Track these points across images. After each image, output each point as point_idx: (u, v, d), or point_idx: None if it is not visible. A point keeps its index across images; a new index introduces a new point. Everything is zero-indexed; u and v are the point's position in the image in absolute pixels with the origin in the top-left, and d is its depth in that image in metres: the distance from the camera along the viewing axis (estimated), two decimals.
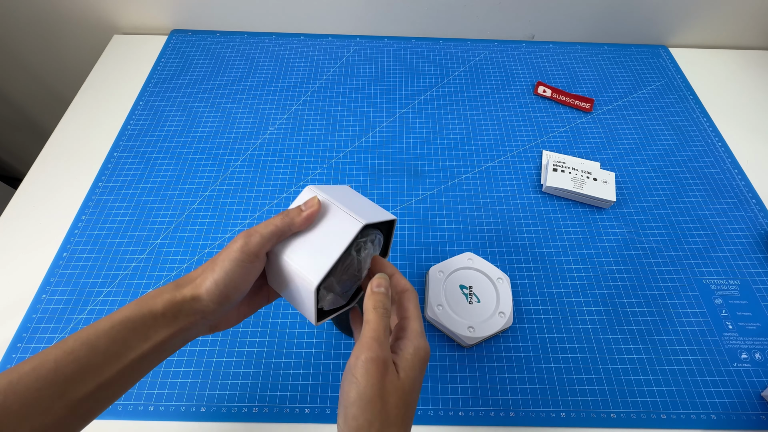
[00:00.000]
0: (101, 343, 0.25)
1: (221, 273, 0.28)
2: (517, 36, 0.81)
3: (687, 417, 0.44)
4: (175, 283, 0.28)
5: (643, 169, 0.63)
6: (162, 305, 0.27)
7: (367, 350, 0.26)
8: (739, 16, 0.78)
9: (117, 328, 0.25)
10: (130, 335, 0.26)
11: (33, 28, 0.81)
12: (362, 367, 0.25)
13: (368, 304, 0.29)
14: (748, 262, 0.55)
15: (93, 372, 0.24)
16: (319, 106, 0.69)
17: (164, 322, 0.27)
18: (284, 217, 0.30)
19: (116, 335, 0.25)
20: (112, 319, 0.26)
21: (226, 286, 0.28)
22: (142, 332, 0.26)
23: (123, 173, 0.60)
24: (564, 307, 0.51)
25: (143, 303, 0.27)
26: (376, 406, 0.25)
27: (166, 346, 0.27)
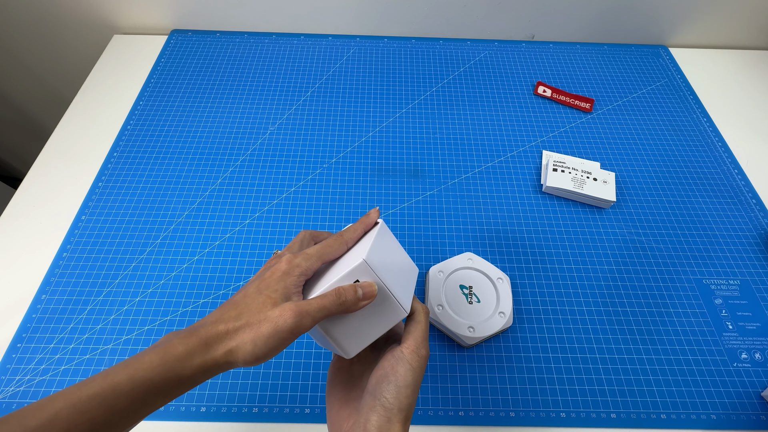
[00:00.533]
0: (119, 404, 0.24)
1: (264, 349, 0.26)
2: (517, 36, 0.81)
3: (687, 417, 0.44)
4: (204, 341, 0.26)
5: (643, 169, 0.63)
6: (191, 371, 0.25)
7: (423, 348, 0.31)
8: (739, 16, 0.78)
9: (138, 390, 0.24)
10: (151, 397, 0.25)
11: (33, 28, 0.81)
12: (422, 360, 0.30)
13: (418, 307, 0.33)
14: (748, 262, 0.55)
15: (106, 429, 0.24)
16: (319, 106, 0.69)
17: (190, 383, 0.26)
18: (339, 299, 0.29)
19: (136, 397, 0.24)
20: (133, 380, 0.24)
21: (266, 357, 0.27)
22: (165, 392, 0.25)
23: (123, 173, 0.60)
24: (564, 307, 0.51)
25: (169, 365, 0.25)
26: (416, 393, 0.30)
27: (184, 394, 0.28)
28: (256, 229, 0.55)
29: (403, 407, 0.28)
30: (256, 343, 0.26)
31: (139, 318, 0.48)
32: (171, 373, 0.25)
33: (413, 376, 0.30)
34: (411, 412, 0.29)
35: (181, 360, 0.25)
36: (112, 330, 0.47)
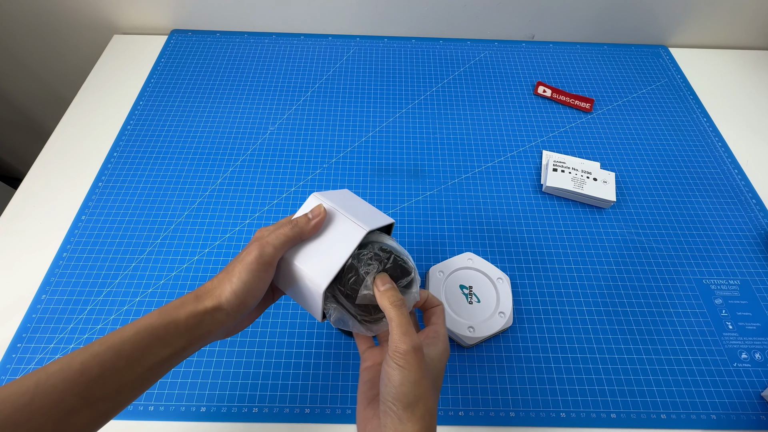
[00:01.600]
0: (125, 348, 0.27)
1: (239, 283, 0.30)
2: (517, 36, 0.81)
3: (687, 417, 0.44)
4: (195, 295, 0.30)
5: (643, 169, 0.63)
6: (185, 316, 0.29)
7: (402, 343, 0.29)
8: (739, 16, 0.78)
9: (141, 334, 0.27)
10: (153, 342, 0.27)
11: (33, 28, 0.81)
12: (405, 357, 0.29)
13: (384, 303, 0.31)
14: (748, 262, 0.55)
15: (115, 375, 0.26)
16: (319, 106, 0.69)
17: (185, 331, 0.29)
18: (294, 226, 0.33)
19: (140, 341, 0.27)
20: (136, 326, 0.28)
21: (245, 295, 0.30)
22: (165, 340, 0.28)
23: (123, 173, 0.60)
24: (564, 307, 0.51)
25: (166, 313, 0.29)
26: (421, 386, 0.29)
27: (184, 353, 0.29)
28: (255, 229, 0.55)
29: (410, 404, 0.28)
30: (232, 281, 0.30)
31: None
32: (168, 317, 0.28)
33: (402, 374, 0.29)
34: (426, 405, 0.29)
35: (176, 308, 0.29)
36: (113, 330, 0.47)
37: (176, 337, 0.28)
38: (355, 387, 0.44)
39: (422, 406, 0.29)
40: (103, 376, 0.26)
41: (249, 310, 0.32)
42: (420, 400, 0.29)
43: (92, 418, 0.26)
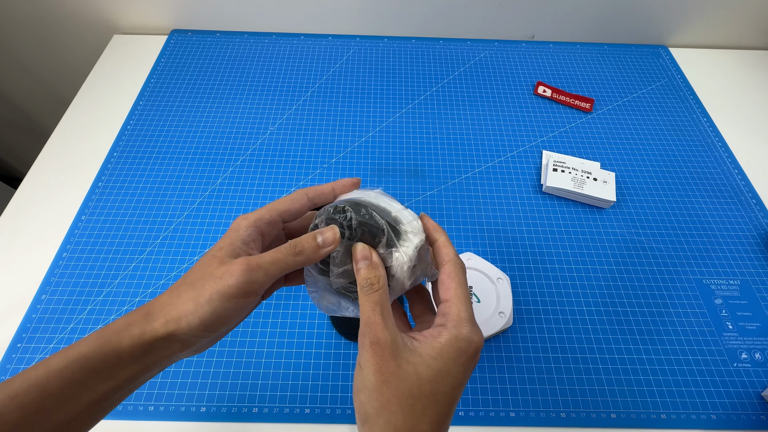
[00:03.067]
0: (53, 385, 0.21)
1: (208, 310, 0.23)
2: (517, 36, 0.81)
3: (687, 417, 0.44)
4: (145, 312, 0.23)
5: (643, 169, 0.63)
6: (129, 343, 0.22)
7: (362, 336, 0.23)
8: (739, 16, 0.78)
9: (72, 368, 0.22)
10: (89, 376, 0.22)
11: (33, 28, 0.81)
12: (364, 352, 0.23)
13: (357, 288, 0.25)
14: (748, 262, 0.55)
15: (44, 418, 0.21)
16: (319, 106, 0.69)
17: (132, 360, 0.23)
18: (297, 254, 0.25)
19: (71, 376, 0.21)
20: (67, 357, 0.22)
21: (214, 323, 0.23)
22: (104, 372, 0.22)
23: (123, 173, 0.60)
24: (564, 307, 0.51)
25: (106, 338, 0.22)
26: (383, 394, 0.22)
27: (135, 382, 0.23)
28: None
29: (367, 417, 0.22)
30: (199, 303, 0.23)
31: None
32: (107, 346, 0.22)
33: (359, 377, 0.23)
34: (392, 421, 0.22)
35: (118, 332, 0.23)
36: None
37: (119, 369, 0.22)
38: None
39: (383, 422, 0.22)
40: (28, 420, 0.20)
41: (218, 336, 0.25)
42: (381, 413, 0.22)
43: None
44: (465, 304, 0.25)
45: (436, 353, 0.23)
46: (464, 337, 0.24)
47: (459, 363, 0.23)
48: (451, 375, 0.23)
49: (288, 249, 0.25)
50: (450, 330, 0.24)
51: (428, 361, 0.23)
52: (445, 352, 0.23)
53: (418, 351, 0.23)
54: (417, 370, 0.23)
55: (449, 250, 0.27)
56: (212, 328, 0.23)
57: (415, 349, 0.23)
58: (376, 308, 0.24)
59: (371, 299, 0.24)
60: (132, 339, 0.23)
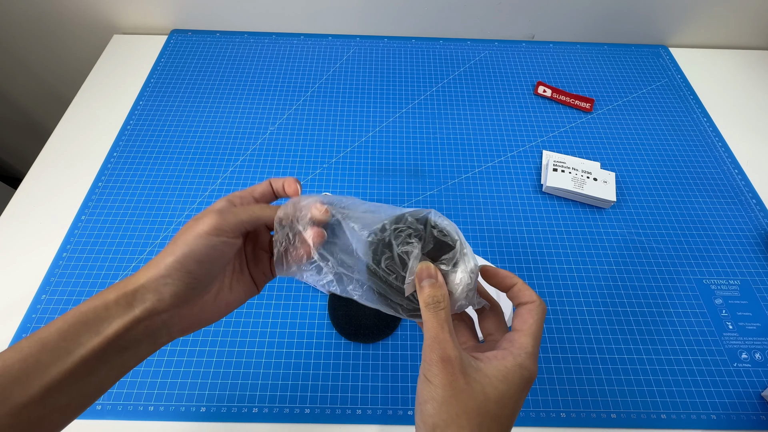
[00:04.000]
0: (51, 339, 0.22)
1: (183, 249, 0.25)
2: (517, 36, 0.81)
3: (687, 417, 0.44)
4: (136, 271, 0.25)
5: (643, 169, 0.63)
6: (115, 294, 0.24)
7: (431, 351, 0.24)
8: (739, 16, 0.78)
9: (69, 321, 0.23)
10: (81, 329, 0.23)
11: (33, 28, 0.81)
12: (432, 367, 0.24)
13: (420, 303, 0.26)
14: (748, 262, 0.55)
15: (39, 371, 0.22)
16: (319, 106, 0.69)
17: (117, 311, 0.24)
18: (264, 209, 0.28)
19: (67, 330, 0.23)
20: (66, 315, 0.23)
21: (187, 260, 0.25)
22: (94, 325, 0.23)
23: (123, 173, 0.60)
24: (564, 307, 0.51)
25: (98, 294, 0.24)
26: (452, 408, 0.23)
27: (123, 342, 0.24)
28: None
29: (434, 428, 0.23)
30: (175, 247, 0.25)
31: None
32: (98, 299, 0.24)
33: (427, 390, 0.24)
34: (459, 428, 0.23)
35: (109, 289, 0.25)
36: None
37: (107, 321, 0.23)
38: (355, 387, 0.45)
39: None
40: (26, 374, 0.22)
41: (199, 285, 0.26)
42: (449, 426, 0.23)
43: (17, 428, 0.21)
44: (536, 341, 0.26)
45: (503, 376, 0.24)
46: (528, 366, 0.25)
47: (520, 389, 0.24)
48: (514, 400, 0.24)
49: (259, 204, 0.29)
50: (516, 357, 0.25)
51: (494, 383, 0.24)
52: (511, 377, 0.24)
53: (484, 371, 0.24)
54: (485, 390, 0.23)
55: (532, 293, 0.28)
56: (186, 266, 0.25)
57: (480, 368, 0.24)
58: (444, 326, 0.25)
59: (438, 317, 0.25)
60: (117, 291, 0.24)
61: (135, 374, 0.44)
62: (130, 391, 0.44)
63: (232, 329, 0.48)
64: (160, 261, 0.25)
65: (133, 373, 0.44)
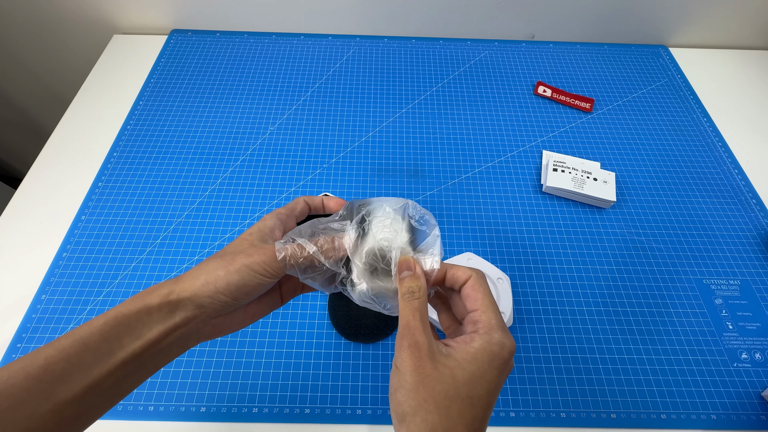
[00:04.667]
0: (93, 340, 0.23)
1: (237, 277, 0.26)
2: (517, 36, 0.81)
3: (687, 417, 0.44)
4: (178, 277, 0.26)
5: (643, 169, 0.63)
6: (158, 300, 0.25)
7: (401, 338, 0.24)
8: (739, 16, 0.78)
9: (110, 324, 0.24)
10: (123, 332, 0.24)
11: (33, 28, 0.81)
12: (401, 353, 0.24)
13: (399, 294, 0.27)
14: (748, 262, 0.55)
15: (82, 371, 0.23)
16: (319, 106, 0.69)
17: (159, 317, 0.25)
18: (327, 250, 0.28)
19: (109, 332, 0.24)
20: (106, 316, 0.24)
21: (238, 290, 0.26)
22: (135, 328, 0.24)
23: (123, 173, 0.60)
24: (564, 307, 0.51)
25: (139, 297, 0.25)
26: (419, 394, 0.23)
27: (161, 346, 0.25)
28: None
29: (403, 416, 0.23)
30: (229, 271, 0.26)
31: None
32: (140, 303, 0.25)
33: (396, 377, 0.24)
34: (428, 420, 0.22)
35: (150, 292, 0.25)
36: None
37: (148, 326, 0.24)
38: (355, 387, 0.45)
39: (420, 421, 0.22)
40: (69, 372, 0.22)
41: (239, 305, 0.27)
42: (418, 412, 0.23)
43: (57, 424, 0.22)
44: (494, 312, 0.26)
45: (471, 357, 0.24)
46: (496, 341, 0.24)
47: (493, 367, 0.24)
48: (486, 379, 0.24)
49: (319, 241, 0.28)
50: (482, 335, 0.25)
51: (463, 365, 0.24)
52: (480, 356, 0.24)
53: (453, 356, 0.24)
54: (453, 373, 0.23)
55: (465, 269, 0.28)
56: (235, 294, 0.26)
57: (450, 353, 0.24)
58: (416, 314, 0.25)
59: (411, 305, 0.25)
60: (160, 297, 0.25)
61: None
62: None
63: None
64: (211, 279, 0.25)
65: None
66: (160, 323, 0.25)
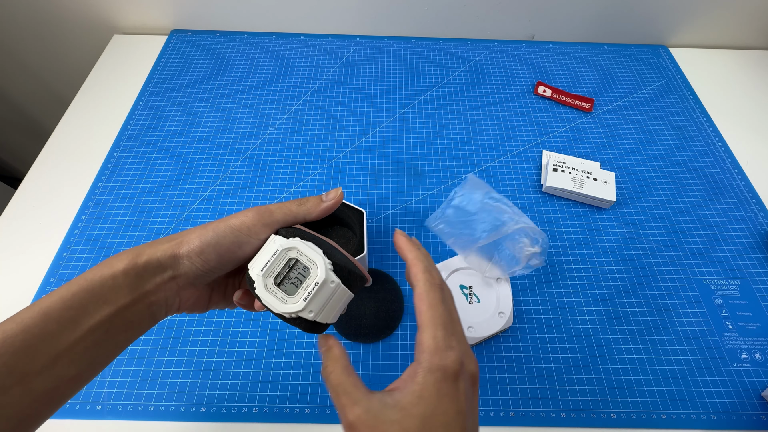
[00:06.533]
0: (55, 309, 0.22)
1: (211, 235, 0.25)
2: (517, 36, 0.81)
3: (687, 417, 0.44)
4: (155, 241, 0.25)
5: (643, 169, 0.63)
6: (125, 264, 0.24)
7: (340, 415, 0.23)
8: (739, 16, 0.78)
9: (73, 290, 0.23)
10: (87, 298, 0.23)
11: (33, 28, 0.81)
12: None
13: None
14: (748, 262, 0.55)
15: (46, 341, 0.21)
16: (319, 106, 0.69)
17: (126, 282, 0.23)
18: (301, 203, 0.28)
19: (71, 299, 0.22)
20: (70, 283, 0.23)
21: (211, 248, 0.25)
22: (101, 295, 0.23)
23: (123, 173, 0.60)
24: (564, 307, 0.51)
25: (107, 262, 0.24)
26: None
27: (130, 314, 0.24)
28: None
29: None
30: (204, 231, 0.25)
31: None
32: (106, 267, 0.23)
33: None
34: None
35: (119, 255, 0.24)
36: None
37: (113, 291, 0.23)
38: None
39: None
40: (31, 344, 0.21)
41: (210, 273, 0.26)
42: None
43: (28, 399, 0.21)
44: (439, 326, 0.23)
45: (417, 398, 0.21)
46: (437, 366, 0.21)
47: (443, 395, 0.21)
48: (439, 413, 0.21)
49: (295, 200, 0.28)
50: (424, 364, 0.22)
51: (411, 412, 0.21)
52: (426, 393, 0.21)
53: (400, 404, 0.21)
54: (403, 427, 0.21)
55: (419, 268, 0.25)
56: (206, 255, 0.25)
57: (396, 403, 0.21)
58: (338, 391, 0.23)
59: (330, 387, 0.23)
60: (127, 260, 0.24)
61: (135, 374, 0.44)
62: (130, 391, 0.44)
63: (231, 329, 0.48)
64: (183, 240, 0.25)
65: (133, 373, 0.44)
66: (127, 288, 0.23)
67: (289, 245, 0.26)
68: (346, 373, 0.23)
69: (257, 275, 0.26)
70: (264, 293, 0.26)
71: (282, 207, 0.27)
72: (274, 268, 0.26)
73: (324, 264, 0.25)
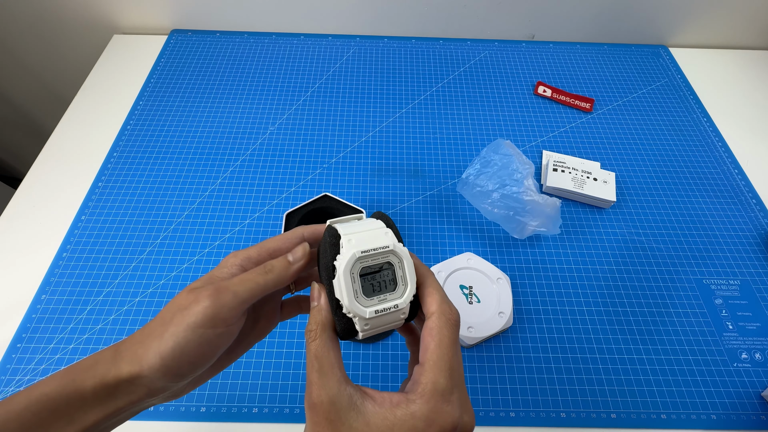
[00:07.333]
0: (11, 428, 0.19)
1: (171, 345, 0.20)
2: (517, 36, 0.81)
3: (687, 417, 0.44)
4: (114, 350, 0.22)
5: (643, 169, 0.63)
6: (93, 384, 0.20)
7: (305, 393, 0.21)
8: (739, 16, 0.78)
9: (32, 409, 0.20)
10: (50, 418, 0.20)
11: (33, 28, 0.81)
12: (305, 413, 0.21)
13: None
14: (748, 262, 0.55)
15: None
16: (319, 106, 0.69)
17: (95, 403, 0.21)
18: (266, 272, 0.23)
19: (31, 418, 0.20)
20: (29, 397, 0.20)
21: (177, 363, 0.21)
22: (66, 415, 0.20)
23: (123, 173, 0.60)
24: (564, 307, 0.51)
25: (70, 377, 0.21)
26: None
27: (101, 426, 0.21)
28: (255, 229, 0.55)
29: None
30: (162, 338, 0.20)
31: (138, 318, 0.48)
32: (71, 386, 0.20)
33: None
34: None
35: (83, 371, 0.21)
36: (112, 330, 0.47)
37: (81, 413, 0.20)
38: None
39: None
40: None
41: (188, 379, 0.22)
42: None
43: None
44: (444, 370, 0.20)
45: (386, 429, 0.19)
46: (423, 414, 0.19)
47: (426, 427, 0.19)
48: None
49: (258, 269, 0.23)
50: (411, 405, 0.19)
51: None
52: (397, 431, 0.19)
53: (368, 417, 0.19)
54: None
55: (435, 298, 0.22)
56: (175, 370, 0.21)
57: (365, 413, 0.19)
58: (313, 363, 0.21)
59: (308, 352, 0.21)
60: (95, 379, 0.21)
61: None
62: None
63: None
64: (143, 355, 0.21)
65: None
66: (97, 408, 0.21)
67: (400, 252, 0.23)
68: (328, 346, 0.21)
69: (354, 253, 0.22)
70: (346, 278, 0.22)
71: (244, 282, 0.22)
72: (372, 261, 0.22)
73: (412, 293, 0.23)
